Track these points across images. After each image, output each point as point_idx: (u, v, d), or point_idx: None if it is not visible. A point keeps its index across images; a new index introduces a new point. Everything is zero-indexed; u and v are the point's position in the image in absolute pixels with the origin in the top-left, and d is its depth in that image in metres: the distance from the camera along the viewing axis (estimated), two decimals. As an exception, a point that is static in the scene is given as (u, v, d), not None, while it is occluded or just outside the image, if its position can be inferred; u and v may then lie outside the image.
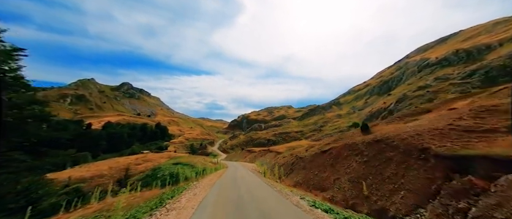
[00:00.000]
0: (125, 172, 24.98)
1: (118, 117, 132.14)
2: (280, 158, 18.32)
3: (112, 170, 24.89)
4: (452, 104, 14.22)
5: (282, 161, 16.94)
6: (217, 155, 66.90)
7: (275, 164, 17.00)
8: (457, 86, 39.90)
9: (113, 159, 30.59)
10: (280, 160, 17.55)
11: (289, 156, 17.14)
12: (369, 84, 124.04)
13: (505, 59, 38.58)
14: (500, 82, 35.65)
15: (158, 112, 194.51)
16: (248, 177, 13.33)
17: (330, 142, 15.35)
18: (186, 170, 12.69)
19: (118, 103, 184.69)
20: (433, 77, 52.57)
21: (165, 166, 22.28)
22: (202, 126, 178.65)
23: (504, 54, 41.11)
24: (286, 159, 16.51)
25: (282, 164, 16.00)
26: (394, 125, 13.13)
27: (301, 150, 16.93)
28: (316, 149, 15.19)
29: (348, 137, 14.26)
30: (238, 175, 14.57)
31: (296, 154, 16.36)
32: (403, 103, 44.47)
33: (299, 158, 15.23)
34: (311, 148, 16.45)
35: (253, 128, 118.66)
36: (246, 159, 30.98)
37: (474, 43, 66.47)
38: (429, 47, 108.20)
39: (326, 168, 11.81)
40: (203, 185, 10.25)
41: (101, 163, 27.71)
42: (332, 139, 15.41)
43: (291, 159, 15.71)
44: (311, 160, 13.86)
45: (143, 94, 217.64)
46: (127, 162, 27.77)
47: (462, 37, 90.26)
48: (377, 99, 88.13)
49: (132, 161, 28.24)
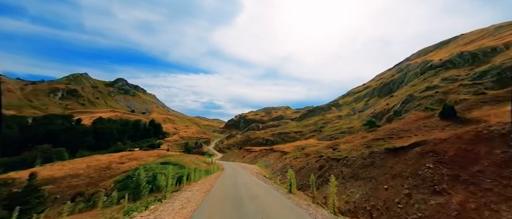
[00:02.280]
0: (105, 171, 21.71)
1: (111, 113, 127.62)
2: (292, 160, 14.15)
3: (90, 169, 21.66)
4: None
5: (297, 164, 12.69)
6: (213, 155, 63.69)
7: (286, 167, 13.35)
8: (469, 87, 38.04)
9: (94, 156, 27.29)
10: (294, 162, 13.17)
11: (306, 157, 13.31)
12: (369, 86, 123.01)
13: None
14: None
15: (153, 110, 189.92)
16: (257, 189, 8.80)
17: (379, 136, 11.86)
18: (170, 170, 9.59)
19: (112, 99, 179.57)
20: (440, 78, 50.88)
21: (151, 166, 19.20)
22: (198, 125, 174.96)
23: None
24: (304, 162, 12.43)
25: (300, 169, 11.99)
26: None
27: (317, 149, 13.44)
28: (363, 147, 11.11)
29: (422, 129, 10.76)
30: (240, 182, 10.64)
31: (324, 154, 11.95)
32: (411, 104, 42.45)
33: (333, 160, 11.16)
34: (345, 145, 12.56)
35: (251, 128, 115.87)
36: (245, 160, 27.40)
37: (478, 45, 65.30)
38: (429, 50, 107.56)
39: (435, 183, 6.46)
40: (179, 205, 6.25)
41: (79, 161, 24.39)
42: (354, 136, 12.52)
43: (315, 161, 11.39)
44: (368, 165, 9.51)
45: (138, 91, 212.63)
46: (109, 160, 24.54)
47: (464, 40, 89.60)
48: (378, 101, 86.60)
49: (115, 159, 25.01)
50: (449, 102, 37.70)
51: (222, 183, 10.37)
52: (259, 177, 12.60)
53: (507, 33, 66.38)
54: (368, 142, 11.93)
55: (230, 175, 13.53)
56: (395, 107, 48.60)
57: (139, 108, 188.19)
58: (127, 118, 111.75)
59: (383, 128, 14.75)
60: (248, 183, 10.59)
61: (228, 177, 12.99)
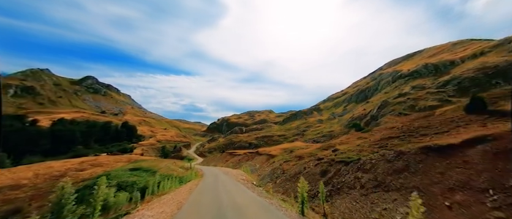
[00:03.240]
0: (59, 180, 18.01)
1: (76, 114, 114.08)
2: (283, 163, 12.14)
3: (38, 178, 17.91)
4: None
5: (289, 168, 10.70)
6: (193, 159, 60.00)
7: (276, 172, 11.58)
8: (435, 94, 42.08)
9: (46, 163, 22.96)
10: (286, 166, 11.22)
11: (299, 160, 11.45)
12: (347, 92, 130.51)
13: (475, 72, 42.03)
14: (473, 92, 38.42)
15: (127, 111, 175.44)
16: (252, 209, 6.36)
17: (387, 135, 10.19)
18: (137, 178, 7.75)
19: (78, 98, 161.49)
20: (410, 86, 55.72)
21: (117, 173, 16.47)
22: (178, 128, 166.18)
23: (471, 68, 45.11)
24: (299, 166, 10.45)
25: (295, 174, 9.90)
26: None
27: (309, 151, 12.05)
28: (374, 147, 9.45)
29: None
30: (224, 196, 7.91)
31: (323, 157, 10.10)
32: (386, 109, 45.43)
33: (339, 163, 9.16)
34: (342, 146, 11.08)
35: (234, 131, 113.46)
36: (228, 164, 25.24)
37: (439, 59, 73.67)
38: (398, 61, 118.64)
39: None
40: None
41: (24, 169, 20.16)
42: (348, 137, 11.78)
43: (314, 164, 9.72)
44: (401, 169, 7.37)
45: (111, 90, 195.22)
46: (65, 167, 20.77)
47: (427, 53, 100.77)
48: (355, 106, 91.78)
49: (74, 166, 21.29)
50: (418, 108, 41.03)
51: (199, 197, 7.80)
52: (247, 185, 10.50)
53: (461, 50, 76.26)
54: (376, 141, 10.48)
55: (211, 183, 11.18)
56: (372, 112, 51.61)
57: (111, 109, 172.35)
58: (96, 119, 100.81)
59: (382, 128, 14.21)
60: (234, 193, 8.40)
61: (207, 186, 10.51)
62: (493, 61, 43.21)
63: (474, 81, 40.07)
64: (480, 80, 39.40)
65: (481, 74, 40.62)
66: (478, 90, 37.38)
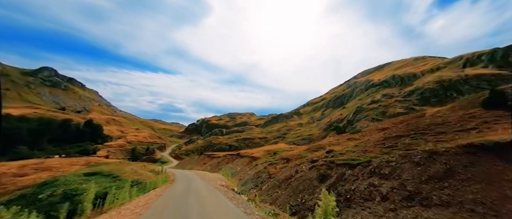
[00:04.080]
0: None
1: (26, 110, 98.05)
2: (268, 166, 10.62)
3: (-45, 187, 13.96)
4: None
5: (277, 172, 9.21)
6: (167, 162, 55.68)
7: (260, 176, 9.99)
8: (402, 102, 46.34)
9: (-30, 167, 18.33)
10: (272, 170, 9.70)
11: (287, 163, 9.97)
12: (325, 98, 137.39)
13: (433, 84, 47.55)
14: (432, 101, 43.26)
15: (93, 109, 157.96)
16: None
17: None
18: (92, 186, 6.01)
19: (31, 91, 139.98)
20: (381, 94, 60.70)
21: (69, 179, 13.72)
22: (153, 128, 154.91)
23: (431, 81, 51.07)
24: (289, 169, 9.08)
25: (285, 179, 8.60)
26: None
27: (297, 153, 11.01)
28: (382, 148, 8.21)
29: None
30: (194, 215, 5.57)
31: (317, 159, 8.80)
32: (361, 114, 48.47)
33: (342, 166, 7.88)
34: (338, 147, 9.78)
35: (214, 133, 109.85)
36: (205, 167, 23.08)
37: (404, 71, 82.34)
38: (371, 71, 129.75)
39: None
40: None
41: None
42: (338, 138, 11.12)
43: (308, 168, 8.43)
44: (439, 175, 5.76)
45: (74, 85, 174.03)
46: None
47: (394, 66, 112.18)
48: (332, 111, 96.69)
49: (12, 170, 17.35)
50: (389, 114, 44.55)
51: (157, 216, 5.52)
52: (227, 192, 8.72)
53: (421, 64, 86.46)
54: (380, 141, 9.18)
55: (179, 194, 8.68)
56: (348, 117, 54.70)
57: (73, 106, 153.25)
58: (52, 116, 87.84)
59: (371, 129, 13.66)
60: (209, 207, 6.43)
61: (175, 196, 8.37)
62: (448, 75, 49.52)
63: (433, 92, 45.23)
64: (438, 91, 44.66)
65: (439, 86, 46.16)
66: (437, 101, 42.36)
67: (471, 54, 61.19)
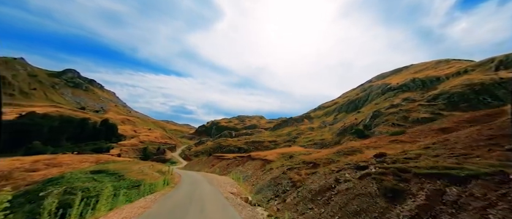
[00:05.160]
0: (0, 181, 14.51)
1: (50, 108, 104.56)
2: (287, 172, 8.73)
3: (-31, 179, 14.04)
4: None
5: (305, 180, 7.21)
6: (177, 162, 55.76)
7: (280, 182, 8.08)
8: (426, 107, 42.70)
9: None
10: (295, 176, 7.68)
11: (315, 168, 7.98)
12: (337, 102, 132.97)
13: (462, 88, 43.36)
14: (462, 106, 39.32)
15: (110, 109, 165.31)
16: None
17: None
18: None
19: (55, 92, 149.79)
20: (401, 98, 56.84)
21: (76, 176, 13.25)
22: (164, 129, 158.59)
23: (458, 84, 46.73)
24: (324, 177, 7.00)
25: (321, 191, 6.42)
26: None
27: (325, 156, 8.94)
28: (480, 147, 5.56)
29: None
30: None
31: (371, 164, 6.73)
32: (379, 119, 45.30)
33: (430, 178, 4.77)
34: (392, 150, 7.72)
35: (223, 135, 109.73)
36: (214, 169, 21.79)
37: (425, 74, 77.05)
38: (387, 75, 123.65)
39: None
40: None
41: (-48, 166, 16.02)
42: (376, 138, 8.73)
43: (356, 176, 6.28)
44: None
45: (94, 86, 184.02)
46: (12, 166, 16.89)
47: (413, 69, 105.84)
48: (345, 116, 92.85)
49: (24, 166, 17.43)
50: (411, 119, 41.12)
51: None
52: (241, 205, 6.93)
53: (445, 67, 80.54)
54: (473, 143, 6.29)
55: (180, 203, 7.17)
56: (364, 121, 51.55)
57: (92, 105, 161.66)
58: (72, 115, 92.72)
59: (423, 129, 11.13)
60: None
61: (175, 205, 6.98)
62: (479, 79, 45.04)
63: (462, 96, 41.18)
64: (468, 96, 40.57)
65: (469, 90, 41.96)
66: (467, 106, 38.36)
67: (505, 56, 55.63)
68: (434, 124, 12.68)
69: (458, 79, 55.05)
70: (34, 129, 41.84)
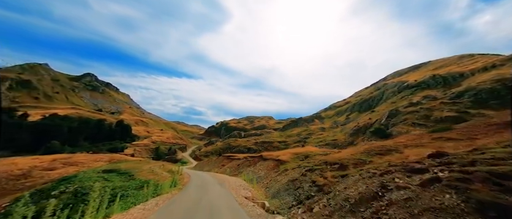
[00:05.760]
0: (19, 180, 14.96)
1: (70, 111, 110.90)
2: (307, 173, 7.86)
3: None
4: None
5: (334, 184, 6.08)
6: (187, 162, 56.37)
7: (300, 185, 7.16)
8: (450, 105, 39.47)
9: (10, 159, 19.69)
10: (320, 180, 6.56)
11: (338, 170, 7.03)
12: (349, 101, 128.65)
13: (492, 84, 39.57)
14: (492, 104, 35.85)
15: (125, 110, 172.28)
16: None
17: None
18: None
19: (75, 94, 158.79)
20: (421, 96, 53.31)
21: (88, 175, 13.29)
22: (175, 130, 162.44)
23: (487, 79, 42.77)
24: (362, 182, 5.70)
25: (365, 200, 4.91)
26: None
27: (351, 156, 7.97)
28: None
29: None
30: None
31: (443, 169, 4.87)
32: (396, 118, 42.53)
33: None
34: (435, 143, 7.06)
35: (232, 136, 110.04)
36: (224, 169, 21.27)
37: (447, 70, 71.92)
38: (404, 72, 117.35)
39: None
40: None
41: (-22, 164, 16.87)
42: (417, 136, 7.19)
43: (413, 183, 4.64)
44: None
45: (110, 89, 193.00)
46: (31, 165, 17.49)
47: (433, 65, 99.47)
48: (358, 115, 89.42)
49: (42, 164, 18.00)
50: (434, 118, 38.19)
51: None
52: (259, 211, 6.11)
53: (469, 63, 74.67)
54: None
55: (185, 212, 6.11)
56: (380, 121, 48.83)
57: (108, 107, 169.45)
58: (90, 117, 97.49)
59: (491, 122, 9.28)
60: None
61: (180, 213, 5.96)
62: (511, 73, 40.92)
63: (492, 93, 37.54)
64: (499, 92, 36.92)
65: (500, 86, 38.18)
66: (499, 103, 34.82)
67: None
68: (493, 119, 11.03)
69: (486, 74, 50.56)
70: (55, 130, 44.23)
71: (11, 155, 22.92)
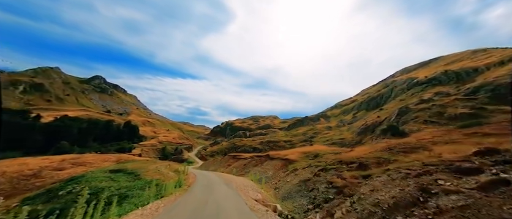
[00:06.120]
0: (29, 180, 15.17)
1: (80, 112, 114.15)
2: (321, 173, 7.14)
3: (4, 177, 14.90)
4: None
5: (362, 188, 5.21)
6: (193, 162, 56.68)
7: (318, 189, 6.26)
8: (465, 101, 37.69)
9: (21, 159, 20.15)
10: (339, 181, 5.65)
11: (358, 170, 6.58)
12: (355, 99, 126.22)
13: (510, 78, 37.51)
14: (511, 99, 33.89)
15: (132, 112, 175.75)
16: None
17: None
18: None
19: (85, 97, 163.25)
20: (431, 93, 51.32)
21: (95, 175, 13.29)
22: (181, 130, 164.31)
23: (505, 74, 40.57)
24: (403, 185, 4.63)
25: (404, 208, 4.09)
26: None
27: (365, 154, 7.47)
28: None
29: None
30: None
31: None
32: (407, 116, 41.00)
33: None
34: (471, 139, 6.50)
35: (238, 135, 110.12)
36: (230, 169, 20.87)
37: (460, 66, 69.06)
38: (413, 69, 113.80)
39: None
40: None
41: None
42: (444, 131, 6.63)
43: (465, 184, 4.07)
44: None
45: (118, 90, 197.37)
46: (42, 165, 17.78)
47: (444, 61, 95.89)
48: (366, 114, 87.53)
49: (52, 164, 18.28)
50: (447, 115, 36.58)
51: None
52: (272, 215, 5.63)
53: (484, 57, 71.43)
54: None
55: (191, 213, 5.78)
56: (390, 119, 47.32)
57: (116, 109, 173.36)
58: (99, 118, 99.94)
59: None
60: None
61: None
62: (530, 66, 38.66)
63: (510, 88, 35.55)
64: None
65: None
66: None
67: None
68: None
69: (503, 68, 48.11)
70: (65, 131, 45.46)
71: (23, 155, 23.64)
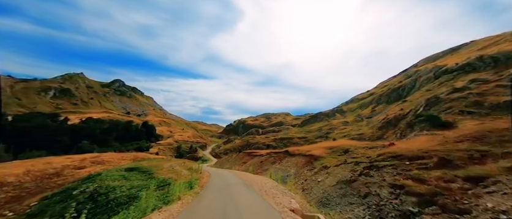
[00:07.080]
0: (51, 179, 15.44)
1: (103, 114, 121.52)
2: (382, 175, 5.05)
3: (28, 175, 15.40)
4: None
5: (469, 201, 3.27)
6: (207, 160, 57.18)
7: (378, 195, 4.40)
8: (509, 88, 32.87)
9: (45, 158, 21.04)
10: (414, 185, 4.02)
11: (440, 169, 4.80)
12: (373, 92, 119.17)
13: None
14: None
15: (149, 112, 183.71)
16: None
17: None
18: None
19: (107, 99, 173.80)
20: (466, 80, 45.90)
21: (111, 173, 13.05)
22: (195, 129, 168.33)
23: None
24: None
25: None
26: None
27: (434, 147, 4.76)
28: None
29: None
30: None
31: None
32: (437, 107, 36.96)
33: None
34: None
35: (250, 133, 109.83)
36: (246, 167, 19.76)
37: (497, 49, 61.20)
38: (439, 56, 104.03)
39: None
40: None
41: (17, 164, 18.08)
42: None
43: None
44: None
45: (136, 93, 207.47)
46: (64, 164, 18.26)
47: (476, 46, 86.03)
48: (386, 107, 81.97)
49: (73, 163, 18.72)
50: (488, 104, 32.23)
51: None
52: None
53: (527, 38, 62.59)
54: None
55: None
56: (416, 111, 43.21)
57: (135, 110, 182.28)
58: (120, 119, 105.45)
59: None
60: None
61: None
62: None
63: None
64: None
65: None
66: None
67: None
68: None
69: (554, 49, 41.26)
70: (88, 132, 48.13)
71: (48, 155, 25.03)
